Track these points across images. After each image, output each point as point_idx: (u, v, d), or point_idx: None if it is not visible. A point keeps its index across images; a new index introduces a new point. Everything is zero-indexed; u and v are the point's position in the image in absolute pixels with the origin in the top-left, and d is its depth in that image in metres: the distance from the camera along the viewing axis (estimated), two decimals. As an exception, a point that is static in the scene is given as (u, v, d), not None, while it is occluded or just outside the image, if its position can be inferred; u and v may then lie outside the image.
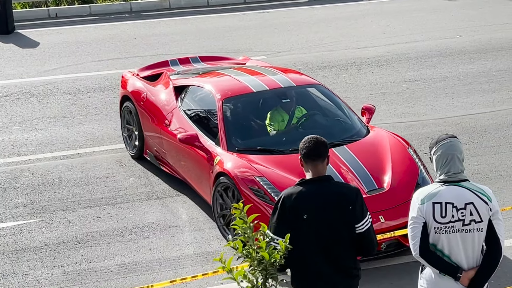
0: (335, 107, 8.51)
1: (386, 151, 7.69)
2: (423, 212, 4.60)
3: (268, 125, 8.12)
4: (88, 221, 8.07)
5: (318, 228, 4.63)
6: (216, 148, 7.86)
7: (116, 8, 17.76)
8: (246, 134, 8.12)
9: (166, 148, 8.69)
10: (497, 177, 8.82)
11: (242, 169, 7.44)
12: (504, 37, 14.41)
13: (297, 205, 4.62)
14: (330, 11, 17.16)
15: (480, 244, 4.64)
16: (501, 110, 10.84)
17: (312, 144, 4.71)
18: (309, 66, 12.89)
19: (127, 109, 9.53)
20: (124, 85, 9.72)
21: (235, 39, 14.77)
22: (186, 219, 8.08)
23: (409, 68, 12.84)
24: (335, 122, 8.34)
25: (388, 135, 8.04)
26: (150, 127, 9.01)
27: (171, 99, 8.87)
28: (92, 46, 14.38)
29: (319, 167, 4.70)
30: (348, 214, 4.65)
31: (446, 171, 4.65)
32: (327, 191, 4.67)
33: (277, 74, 8.73)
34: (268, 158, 7.60)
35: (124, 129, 9.67)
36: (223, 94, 8.28)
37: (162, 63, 10.12)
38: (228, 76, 8.79)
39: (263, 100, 8.36)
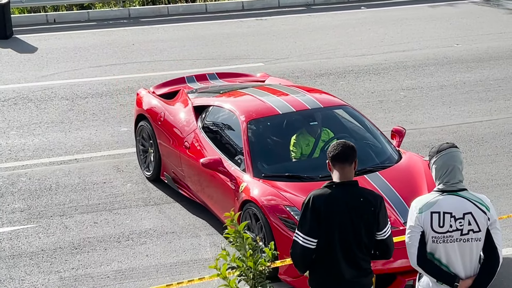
0: (364, 130, 8.10)
1: (421, 178, 7.25)
2: (421, 221, 4.61)
3: (292, 150, 7.69)
4: (85, 227, 8.06)
5: (343, 230, 4.70)
6: (241, 174, 7.43)
7: (114, 14, 17.78)
8: (272, 159, 7.67)
9: (185, 171, 8.28)
10: (494, 186, 8.84)
11: (270, 197, 7.00)
12: (501, 46, 14.45)
13: (324, 207, 4.69)
14: (328, 18, 17.20)
15: (477, 254, 4.65)
16: (498, 119, 10.87)
17: (340, 147, 4.80)
18: (307, 74, 12.91)
19: (143, 128, 9.10)
20: (140, 103, 9.28)
21: (233, 46, 14.79)
22: (183, 225, 8.08)
23: (406, 76, 12.87)
24: (365, 146, 7.83)
25: (421, 160, 7.57)
26: (168, 148, 8.58)
27: (191, 119, 8.45)
28: (90, 52, 14.39)
29: (346, 171, 4.77)
30: (372, 220, 4.73)
31: (445, 181, 4.66)
32: (353, 196, 4.74)
33: (302, 94, 8.29)
34: (297, 186, 7.13)
35: (139, 149, 9.26)
36: (247, 116, 7.84)
37: (178, 80, 9.74)
38: (251, 96, 8.35)
39: (289, 122, 7.92)
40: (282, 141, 7.81)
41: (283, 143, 7.80)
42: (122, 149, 9.91)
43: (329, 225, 4.69)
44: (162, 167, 8.79)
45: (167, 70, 13.09)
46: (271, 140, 7.84)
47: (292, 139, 7.74)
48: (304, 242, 4.68)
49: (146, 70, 13.25)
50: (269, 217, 6.87)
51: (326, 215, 4.68)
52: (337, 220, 4.69)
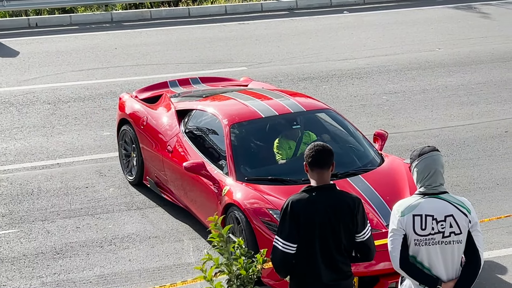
0: (346, 133, 8.14)
1: (404, 181, 7.27)
2: (403, 224, 4.63)
3: (277, 153, 7.69)
4: (67, 232, 8.02)
5: (322, 234, 4.70)
6: (224, 177, 7.43)
7: (96, 18, 17.73)
8: (255, 162, 7.68)
9: (168, 175, 8.28)
10: (476, 189, 8.88)
11: (253, 200, 7.00)
12: (482, 50, 14.54)
13: (303, 212, 4.68)
14: (311, 23, 17.24)
15: (459, 256, 4.67)
16: (479, 123, 10.93)
17: (319, 153, 4.77)
18: (289, 78, 12.94)
19: (126, 132, 9.09)
20: (122, 108, 9.24)
21: (216, 50, 14.79)
22: (166, 230, 8.06)
23: (389, 80, 12.92)
24: (348, 149, 7.93)
25: (404, 163, 7.55)
26: (151, 153, 8.57)
27: (174, 123, 8.44)
28: (73, 56, 14.33)
29: (325, 175, 4.77)
30: (350, 223, 4.72)
31: (427, 184, 4.68)
32: (331, 199, 4.73)
33: (285, 98, 8.32)
34: (280, 189, 7.13)
35: (122, 153, 9.24)
36: (230, 120, 7.84)
37: (161, 84, 9.71)
38: (234, 100, 8.36)
39: (272, 126, 7.93)
40: (265, 145, 7.82)
41: (266, 146, 7.81)
42: (105, 153, 9.88)
43: (309, 230, 4.68)
44: (145, 171, 8.79)
45: (150, 74, 13.07)
46: (254, 144, 7.85)
47: (275, 143, 7.76)
48: (283, 247, 4.68)
49: (129, 74, 13.21)
50: (252, 220, 6.87)
51: (305, 220, 4.67)
52: (316, 225, 4.68)
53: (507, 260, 7.32)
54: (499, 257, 7.39)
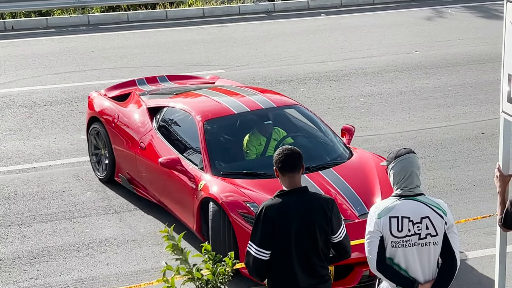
0: (316, 128, 8.31)
1: (373, 173, 7.48)
2: (380, 226, 4.64)
3: (246, 150, 7.85)
4: (44, 236, 7.96)
5: (298, 238, 4.68)
6: (199, 172, 7.52)
7: (73, 21, 17.64)
8: (230, 157, 7.80)
9: (141, 171, 8.37)
10: (453, 190, 8.94)
11: (229, 194, 7.11)
12: (459, 53, 14.65)
13: (278, 217, 4.66)
14: (288, 25, 17.27)
15: (435, 258, 4.70)
16: (456, 125, 11.00)
17: (288, 157, 4.74)
18: (267, 80, 12.94)
19: (96, 130, 9.13)
20: (92, 106, 9.32)
21: (194, 53, 14.77)
22: (144, 233, 8.02)
23: (366, 82, 12.97)
24: (318, 144, 8.09)
25: (372, 156, 7.89)
26: (123, 150, 8.65)
27: (146, 120, 8.53)
28: (49, 59, 14.25)
29: (296, 179, 4.75)
30: (325, 224, 4.72)
31: (403, 186, 4.70)
32: (305, 202, 4.72)
33: (256, 95, 8.50)
34: (255, 182, 7.27)
35: (92, 151, 9.29)
36: (203, 116, 7.97)
37: (129, 83, 9.84)
38: (205, 97, 8.49)
39: (244, 122, 8.07)
40: (238, 141, 7.94)
41: (239, 142, 7.93)
42: (82, 157, 9.81)
43: (284, 235, 4.66)
44: (117, 168, 8.85)
45: (127, 77, 12.99)
46: (227, 139, 7.97)
47: (245, 139, 7.89)
48: (256, 253, 4.66)
49: (106, 77, 13.16)
50: (229, 213, 6.96)
51: (279, 225, 4.65)
52: (291, 229, 4.67)
53: (484, 261, 7.37)
54: (476, 258, 7.44)
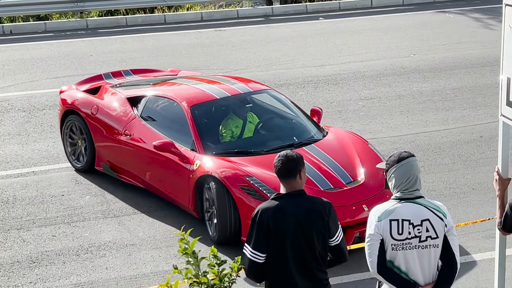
0: (291, 110, 8.91)
1: (350, 147, 8.21)
2: (380, 229, 4.64)
3: (222, 133, 8.36)
4: (43, 240, 7.95)
5: (295, 241, 4.68)
6: (192, 153, 8.05)
7: (71, 25, 17.65)
8: (218, 138, 8.32)
9: (127, 157, 8.79)
10: (452, 194, 8.94)
11: (228, 170, 7.63)
12: (457, 56, 14.67)
13: (274, 220, 4.66)
14: (287, 29, 17.29)
15: (436, 260, 4.70)
16: (454, 128, 11.01)
17: (282, 163, 4.76)
18: (266, 84, 12.94)
19: (73, 122, 9.49)
20: (67, 99, 9.70)
21: (192, 57, 14.78)
22: (143, 237, 8.02)
23: (364, 86, 12.98)
24: (295, 123, 8.72)
25: (347, 133, 8.72)
26: (105, 138, 9.06)
27: (128, 110, 8.99)
28: (48, 63, 14.25)
29: (292, 183, 4.76)
30: (323, 228, 4.72)
31: (404, 189, 4.69)
32: (301, 206, 4.72)
33: (233, 82, 9.14)
34: (247, 159, 7.87)
35: (67, 142, 9.63)
36: (189, 102, 8.51)
37: (96, 77, 10.33)
38: (186, 85, 9.10)
39: (227, 106, 8.64)
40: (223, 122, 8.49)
41: (223, 124, 8.47)
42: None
43: (279, 238, 4.66)
44: (97, 157, 9.24)
45: (125, 81, 13.02)
46: (214, 122, 8.47)
47: (222, 123, 8.43)
48: (251, 255, 4.67)
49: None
50: (230, 188, 7.46)
51: (274, 228, 4.65)
52: (287, 232, 4.66)
53: (483, 264, 7.37)
54: (475, 261, 7.44)
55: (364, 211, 7.43)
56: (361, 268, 7.11)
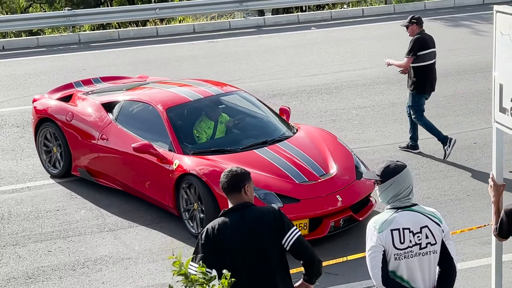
0: (260, 110, 9.32)
1: (321, 142, 8.67)
2: (382, 240, 4.58)
3: (196, 134, 8.67)
4: (39, 256, 7.93)
5: (246, 256, 4.63)
6: (171, 154, 8.35)
7: (64, 40, 17.65)
8: (194, 139, 8.64)
9: (105, 161, 9.05)
10: (447, 201, 8.95)
11: (207, 167, 7.95)
12: (449, 63, 14.71)
13: (220, 236, 4.62)
14: (279, 39, 17.33)
15: (435, 266, 4.69)
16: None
17: (226, 177, 4.75)
18: (259, 95, 12.95)
19: (47, 130, 9.70)
20: (40, 108, 9.89)
21: (185, 69, 14.79)
22: (139, 250, 8.00)
23: (358, 95, 13.00)
24: (267, 122, 9.13)
25: (317, 129, 9.19)
26: (82, 144, 9.32)
27: (103, 115, 9.27)
28: (41, 78, 14.24)
29: (238, 198, 4.74)
30: (273, 236, 4.67)
31: (400, 198, 4.67)
32: (247, 218, 4.68)
33: (204, 84, 9.53)
34: (224, 157, 8.20)
35: (42, 150, 9.83)
36: (164, 105, 8.82)
37: (67, 85, 10.57)
38: (159, 89, 9.44)
39: (201, 107, 8.97)
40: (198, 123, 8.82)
41: (198, 125, 8.79)
42: (74, 176, 9.79)
43: (225, 253, 4.60)
44: (74, 163, 9.48)
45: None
46: (189, 123, 8.78)
47: (197, 124, 8.74)
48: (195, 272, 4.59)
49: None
50: (210, 184, 7.76)
51: (218, 244, 4.60)
52: (232, 247, 4.61)
53: (480, 271, 7.37)
54: (472, 268, 7.43)
55: (337, 201, 7.88)
56: (357, 277, 7.11)
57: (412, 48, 10.11)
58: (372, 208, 8.31)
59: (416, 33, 10.22)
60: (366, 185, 8.17)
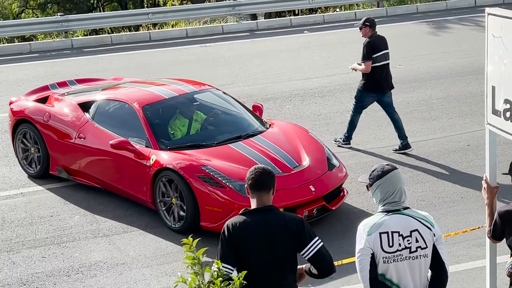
0: (234, 106, 9.60)
1: (293, 136, 8.99)
2: (370, 243, 4.60)
3: (170, 132, 8.87)
4: (33, 262, 7.91)
5: (260, 256, 4.65)
6: (148, 149, 8.60)
7: (56, 45, 17.63)
8: (170, 135, 8.86)
9: (83, 160, 9.23)
10: (441, 203, 8.96)
11: (183, 161, 8.22)
12: (442, 66, 14.74)
13: (241, 235, 4.63)
14: (272, 43, 17.34)
15: (426, 270, 4.69)
16: (442, 137, 11.05)
17: (258, 175, 4.72)
18: (253, 99, 12.96)
19: (25, 130, 9.83)
20: (18, 109, 10.02)
21: (179, 73, 14.77)
22: (134, 256, 7.99)
23: (351, 98, 12.96)
24: (241, 118, 9.41)
25: (289, 124, 9.56)
26: (60, 144, 9.47)
27: (80, 114, 9.46)
28: (33, 84, 14.20)
29: (264, 198, 4.72)
30: (292, 243, 4.68)
31: (390, 201, 4.68)
32: (270, 221, 4.68)
33: (177, 83, 9.83)
34: (200, 151, 8.48)
35: (19, 150, 9.96)
36: (140, 103, 9.06)
37: (43, 88, 10.73)
38: (134, 88, 9.70)
39: (176, 104, 9.24)
40: (175, 120, 9.04)
41: (175, 121, 9.04)
42: (68, 181, 9.78)
43: (245, 252, 4.63)
44: (51, 162, 9.64)
45: (112, 100, 12.99)
46: (165, 120, 9.01)
47: (173, 120, 8.98)
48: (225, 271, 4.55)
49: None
50: (187, 178, 8.04)
51: (241, 242, 4.62)
52: (252, 247, 4.63)
53: (474, 273, 7.38)
54: (466, 270, 7.45)
55: (311, 191, 8.21)
56: (351, 281, 7.12)
57: (367, 53, 10.55)
58: (344, 198, 8.64)
59: (368, 35, 10.65)
60: (338, 176, 8.59)
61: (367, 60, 10.51)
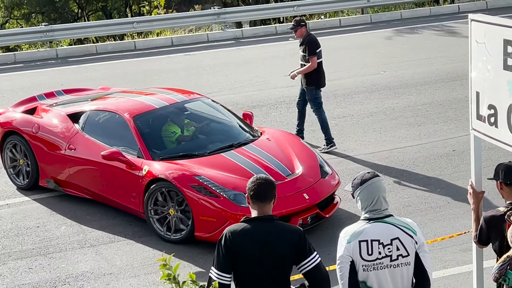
0: (224, 115, 9.59)
1: (285, 144, 8.97)
2: (349, 251, 4.59)
3: (164, 140, 8.89)
4: (20, 273, 7.86)
5: (257, 266, 4.63)
6: (140, 160, 8.51)
7: (41, 55, 17.58)
8: (162, 145, 8.84)
9: (73, 171, 9.14)
10: (427, 208, 8.98)
11: (176, 172, 8.16)
12: (426, 72, 14.81)
13: (241, 242, 4.62)
14: (257, 51, 17.36)
15: (409, 278, 4.67)
16: (427, 143, 11.09)
17: (260, 186, 4.69)
18: (239, 106, 12.97)
19: (14, 142, 9.77)
20: (5, 122, 9.96)
21: (164, 82, 14.77)
22: (121, 266, 7.95)
23: (337, 105, 13.05)
24: (232, 126, 9.41)
25: (281, 132, 9.55)
26: (49, 155, 9.38)
27: (69, 125, 9.40)
28: (18, 94, 14.16)
29: (265, 208, 4.70)
30: (289, 254, 4.65)
31: (371, 210, 4.67)
32: (270, 231, 4.66)
33: (166, 92, 9.79)
34: (192, 161, 8.41)
35: (8, 163, 9.90)
36: (131, 113, 8.99)
37: (30, 99, 10.65)
38: (124, 98, 9.63)
39: (167, 114, 9.20)
40: (166, 130, 9.02)
41: (166, 131, 9.03)
42: (54, 191, 9.73)
43: (242, 260, 4.62)
44: (41, 174, 9.56)
45: (98, 109, 12.95)
46: (156, 130, 9.00)
47: (164, 130, 8.97)
48: (218, 278, 4.60)
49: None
50: (181, 188, 7.99)
51: (238, 250, 4.61)
52: (249, 255, 4.61)
53: (461, 278, 7.40)
54: (453, 275, 7.47)
55: (305, 199, 8.17)
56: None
57: (311, 49, 10.94)
58: (337, 205, 8.65)
59: (305, 34, 11.06)
60: (331, 184, 8.59)
61: (312, 55, 10.86)
